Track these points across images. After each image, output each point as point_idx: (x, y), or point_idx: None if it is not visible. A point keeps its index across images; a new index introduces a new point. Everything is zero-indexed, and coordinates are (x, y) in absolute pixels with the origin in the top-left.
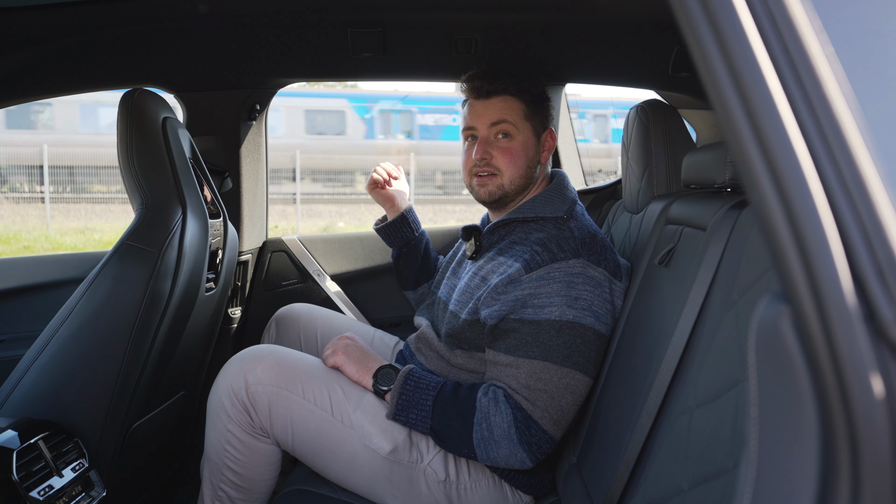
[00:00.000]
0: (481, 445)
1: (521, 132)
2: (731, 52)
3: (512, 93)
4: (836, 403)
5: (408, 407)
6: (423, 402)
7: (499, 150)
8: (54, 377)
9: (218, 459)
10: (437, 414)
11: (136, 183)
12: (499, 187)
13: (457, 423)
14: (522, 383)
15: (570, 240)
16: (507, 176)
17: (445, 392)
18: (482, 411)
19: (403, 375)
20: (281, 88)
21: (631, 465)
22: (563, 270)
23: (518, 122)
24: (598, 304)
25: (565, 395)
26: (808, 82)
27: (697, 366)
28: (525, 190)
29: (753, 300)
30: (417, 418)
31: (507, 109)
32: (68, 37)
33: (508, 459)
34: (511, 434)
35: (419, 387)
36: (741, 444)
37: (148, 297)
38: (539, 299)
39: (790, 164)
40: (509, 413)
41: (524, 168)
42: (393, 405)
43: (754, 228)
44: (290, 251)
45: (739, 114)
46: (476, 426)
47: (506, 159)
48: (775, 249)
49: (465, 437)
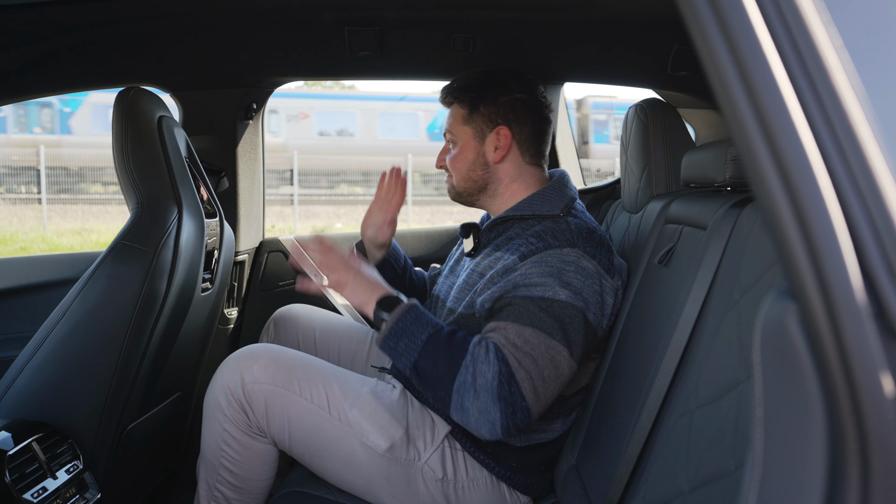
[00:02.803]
0: (460, 391)
1: (460, 137)
2: (736, 44)
3: (455, 99)
4: (844, 403)
5: (399, 335)
6: (417, 334)
7: (448, 156)
8: (48, 378)
9: (214, 459)
10: (427, 351)
11: (132, 182)
12: (452, 189)
13: (443, 363)
14: (511, 341)
15: (566, 231)
16: (455, 178)
17: (442, 334)
18: (472, 355)
19: (408, 305)
20: (277, 87)
21: (631, 467)
22: (555, 256)
23: (457, 128)
24: (588, 293)
25: (549, 366)
26: (816, 75)
27: (698, 366)
28: (482, 190)
29: (755, 299)
30: (406, 348)
31: (451, 118)
32: (63, 35)
33: (480, 416)
34: (493, 386)
35: (419, 321)
36: (743, 445)
37: (143, 297)
38: (531, 279)
39: (798, 157)
40: (496, 365)
41: (466, 171)
42: (386, 328)
43: (755, 227)
44: (286, 251)
45: (745, 106)
46: (462, 369)
47: (451, 164)
48: (782, 245)
49: (448, 380)
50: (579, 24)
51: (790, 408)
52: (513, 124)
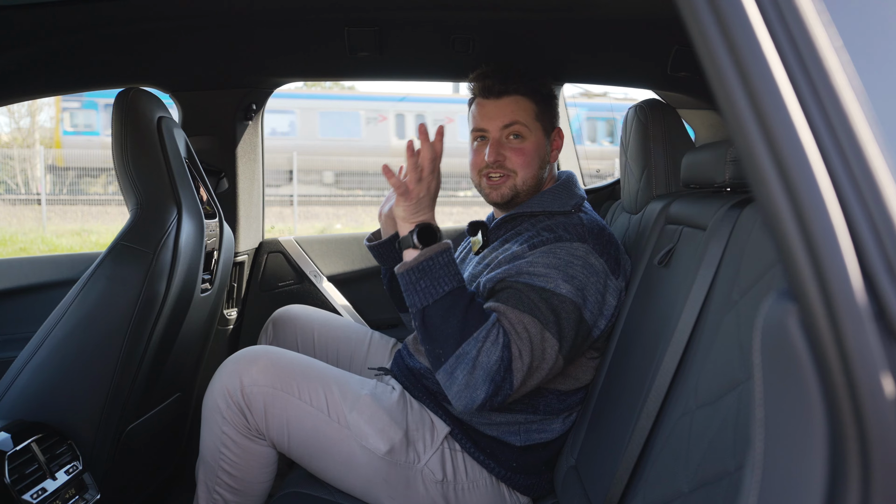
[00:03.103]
0: (459, 358)
1: (533, 133)
2: (736, 44)
3: (523, 93)
4: (845, 403)
5: (424, 273)
6: (442, 281)
7: (512, 151)
8: (48, 379)
9: (213, 462)
10: (444, 303)
11: (131, 183)
12: (511, 189)
13: (455, 323)
14: (514, 328)
15: (578, 226)
16: (520, 177)
17: (465, 294)
18: (486, 332)
19: (445, 245)
20: (277, 88)
21: (630, 467)
22: (565, 250)
23: (530, 122)
24: (591, 291)
25: (539, 357)
26: (816, 74)
27: (698, 367)
28: (536, 190)
29: (754, 300)
30: (425, 289)
31: (519, 110)
32: (63, 36)
33: (464, 390)
34: (492, 369)
35: (448, 268)
36: (743, 446)
37: (143, 297)
38: (536, 268)
39: (798, 158)
40: (501, 350)
41: (537, 168)
42: (414, 261)
43: (755, 227)
44: (286, 252)
45: (745, 106)
46: (472, 340)
47: (520, 160)
48: (782, 246)
49: (452, 342)
50: (579, 25)
51: (790, 409)
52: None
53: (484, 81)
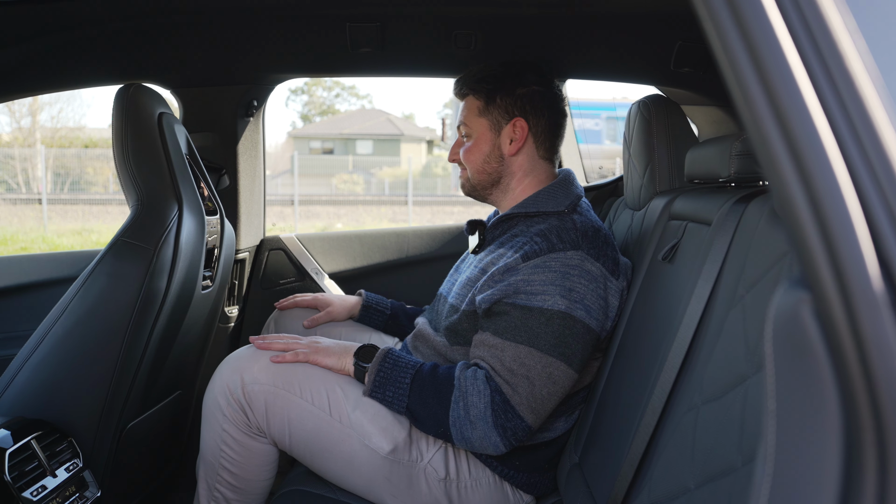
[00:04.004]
0: (457, 425)
1: (475, 129)
2: (748, 28)
3: (470, 91)
4: (860, 394)
5: (385, 384)
6: (400, 379)
7: (463, 148)
8: (48, 376)
9: (214, 460)
10: (415, 393)
11: (132, 179)
12: (466, 181)
13: (433, 401)
14: (506, 366)
15: (571, 231)
16: (469, 171)
17: (423, 372)
18: (460, 389)
19: (382, 353)
20: (279, 84)
21: (635, 464)
22: (559, 261)
23: (473, 120)
24: (591, 298)
25: (547, 384)
26: (830, 58)
27: (703, 362)
28: (496, 183)
29: (761, 294)
30: (394, 396)
31: (466, 110)
32: (63, 32)
33: (482, 441)
34: (487, 416)
35: (397, 365)
36: (750, 441)
37: (143, 294)
38: (532, 286)
39: (812, 142)
40: (488, 394)
41: (481, 163)
42: (370, 382)
43: (761, 221)
44: (287, 249)
45: (758, 91)
46: (453, 405)
47: (465, 157)
48: (796, 233)
49: (442, 416)
50: (581, 21)
51: (804, 400)
52: (529, 116)
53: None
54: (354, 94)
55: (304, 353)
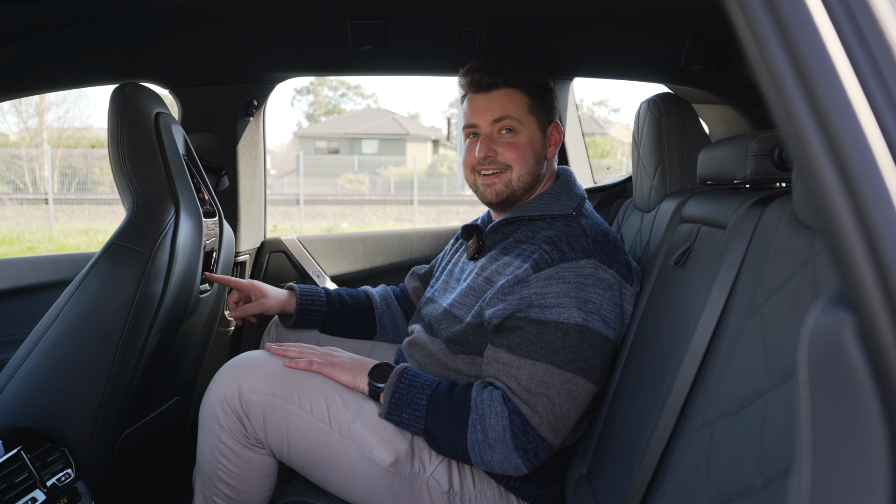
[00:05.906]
0: (475, 448)
1: (526, 126)
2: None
3: (514, 85)
4: None
5: (401, 406)
6: (416, 401)
7: (504, 145)
8: (40, 383)
9: (210, 471)
10: (431, 414)
11: (128, 180)
12: (507, 185)
13: (450, 424)
14: (523, 385)
15: (582, 238)
16: (515, 172)
17: (440, 392)
18: (477, 412)
19: (398, 373)
20: (279, 83)
21: (647, 480)
22: (573, 271)
23: (522, 115)
24: (608, 307)
25: (567, 401)
26: (874, 42)
27: (719, 374)
28: (533, 188)
29: (781, 303)
30: (411, 418)
31: (511, 103)
32: (60, 30)
33: (503, 464)
34: (506, 439)
35: (413, 385)
36: (771, 461)
37: (138, 299)
38: (546, 299)
39: (856, 141)
40: (506, 416)
41: (532, 164)
42: (386, 404)
43: (781, 226)
44: (288, 252)
45: (792, 84)
46: (471, 428)
47: (513, 154)
48: (837, 245)
49: (460, 440)
50: (588, 17)
51: (845, 433)
52: (557, 119)
53: (472, 75)
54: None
55: (318, 363)
